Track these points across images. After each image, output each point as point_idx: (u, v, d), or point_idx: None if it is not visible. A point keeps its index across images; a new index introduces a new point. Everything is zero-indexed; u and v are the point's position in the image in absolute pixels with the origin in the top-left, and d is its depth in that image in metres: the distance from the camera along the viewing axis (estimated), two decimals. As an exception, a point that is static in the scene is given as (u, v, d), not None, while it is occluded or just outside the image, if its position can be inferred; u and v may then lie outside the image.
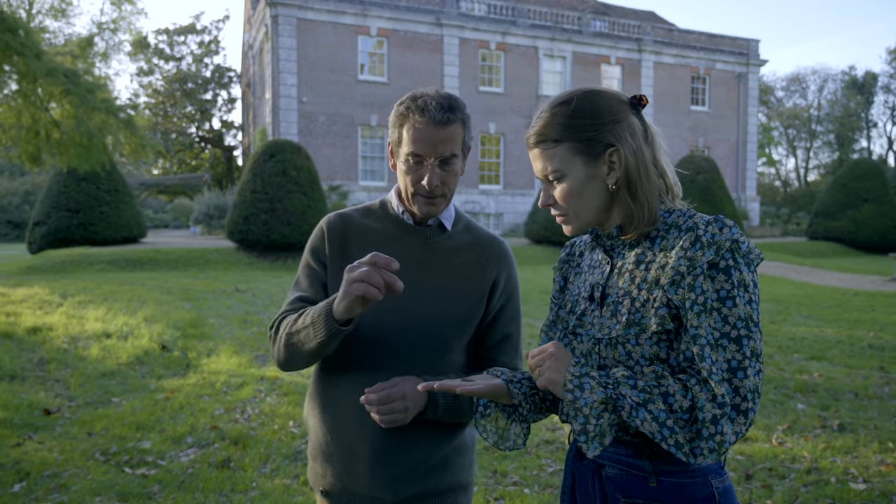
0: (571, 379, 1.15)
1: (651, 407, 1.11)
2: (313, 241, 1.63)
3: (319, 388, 1.62)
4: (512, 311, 1.66)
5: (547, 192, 1.29)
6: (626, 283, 1.24)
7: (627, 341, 1.20)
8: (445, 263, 1.58)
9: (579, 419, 1.14)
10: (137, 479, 3.65)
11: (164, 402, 5.05)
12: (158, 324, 7.72)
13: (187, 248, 15.88)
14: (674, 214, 1.24)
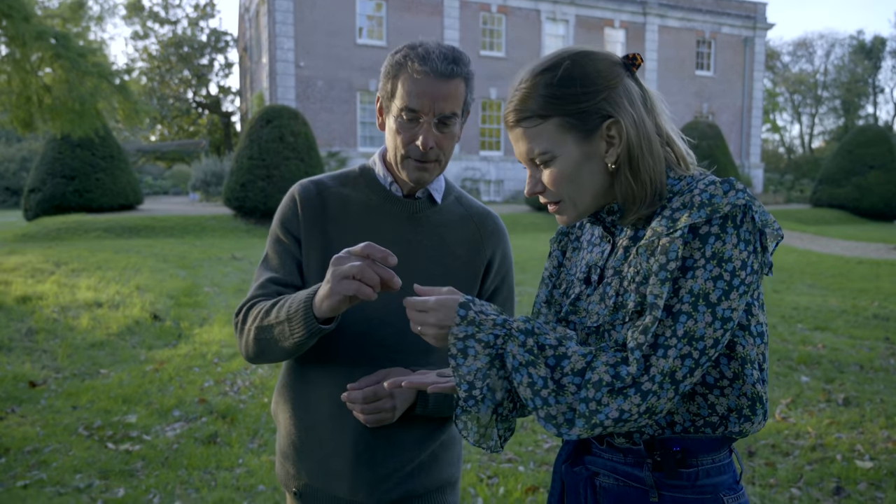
0: (455, 342, 1.02)
1: (532, 370, 0.99)
2: (284, 212, 1.43)
3: (292, 380, 1.45)
4: (506, 293, 1.50)
5: (534, 178, 1.10)
6: (620, 261, 1.08)
7: (613, 328, 1.05)
8: (435, 240, 1.41)
9: (463, 386, 1.02)
10: (120, 455, 3.55)
11: (153, 374, 4.94)
12: (151, 293, 7.60)
13: (184, 215, 15.71)
14: (683, 181, 1.07)
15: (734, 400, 1.03)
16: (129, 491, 3.14)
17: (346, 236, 1.38)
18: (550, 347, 1.01)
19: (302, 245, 1.40)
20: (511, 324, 1.04)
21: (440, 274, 1.39)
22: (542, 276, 1.25)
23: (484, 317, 1.04)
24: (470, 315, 1.04)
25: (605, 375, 0.96)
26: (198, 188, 21.71)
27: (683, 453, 1.03)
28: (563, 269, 1.23)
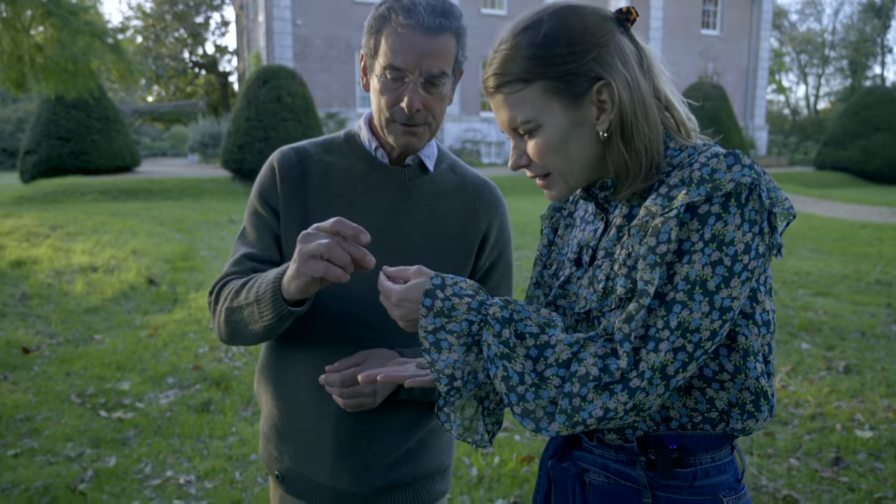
0: (425, 336, 0.95)
1: (507, 364, 0.91)
2: (262, 182, 1.33)
3: (272, 360, 1.37)
4: (503, 268, 1.40)
5: (518, 150, 0.99)
6: (612, 241, 0.98)
7: (602, 315, 0.95)
8: (426, 212, 1.31)
9: (443, 381, 0.94)
10: (113, 423, 3.51)
11: (148, 340, 4.89)
12: (147, 257, 7.53)
13: (182, 177, 15.57)
14: (684, 152, 0.96)
15: (735, 394, 0.94)
16: (120, 460, 3.11)
17: (328, 208, 1.29)
18: (531, 336, 0.92)
19: (280, 218, 1.30)
20: (487, 308, 0.95)
21: (431, 249, 1.29)
22: (536, 257, 1.16)
23: (457, 300, 0.95)
24: (437, 305, 0.95)
25: (593, 369, 0.88)
26: (195, 150, 21.49)
27: (680, 451, 0.95)
28: (554, 247, 1.13)
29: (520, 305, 0.95)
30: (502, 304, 0.95)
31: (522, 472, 3.00)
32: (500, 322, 0.93)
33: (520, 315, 0.94)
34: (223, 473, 2.99)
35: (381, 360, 1.21)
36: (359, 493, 1.31)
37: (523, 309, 0.95)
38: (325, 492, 1.33)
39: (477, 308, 0.94)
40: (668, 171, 0.95)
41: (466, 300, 0.95)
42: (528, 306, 0.96)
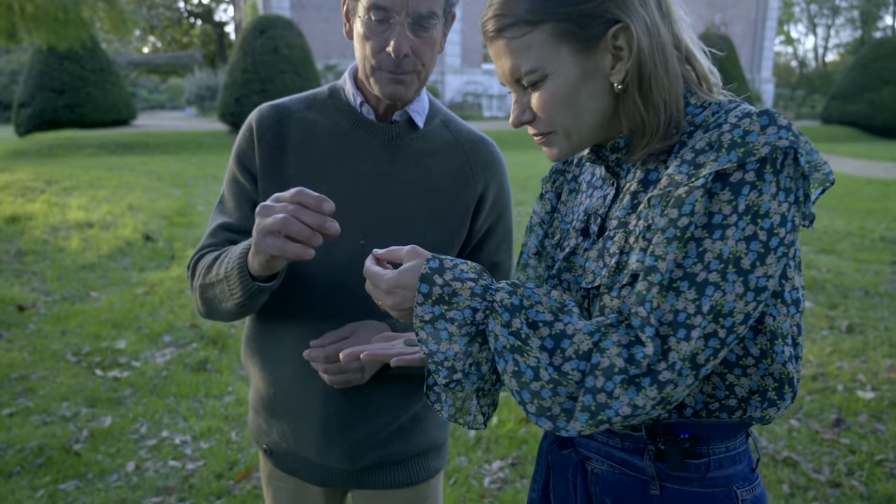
0: (422, 326, 0.84)
1: (518, 357, 0.81)
2: (240, 144, 1.24)
3: (256, 332, 1.31)
4: (502, 233, 1.30)
5: (521, 104, 0.88)
6: (625, 210, 0.88)
7: (611, 291, 0.86)
8: (417, 172, 1.21)
9: (441, 373, 0.85)
10: (108, 382, 3.49)
11: (144, 298, 4.85)
12: (144, 212, 7.45)
13: (179, 131, 15.37)
14: (707, 110, 0.85)
15: (757, 381, 0.86)
16: (116, 420, 3.09)
17: (309, 169, 1.20)
18: (545, 325, 0.82)
19: (258, 182, 1.22)
20: (494, 294, 0.84)
21: (423, 212, 1.20)
22: (531, 223, 1.06)
23: (458, 285, 0.84)
24: (435, 291, 0.84)
25: (618, 360, 0.78)
26: (193, 103, 21.17)
27: (693, 441, 0.87)
28: (556, 214, 1.04)
29: (529, 289, 0.85)
30: (510, 289, 0.85)
31: (521, 434, 2.97)
32: (509, 310, 0.82)
33: (530, 300, 0.84)
34: (219, 434, 2.97)
35: (370, 333, 1.14)
36: (349, 470, 1.26)
37: (533, 293, 0.85)
38: (314, 468, 1.28)
39: (481, 294, 0.84)
40: (690, 130, 0.85)
41: (469, 285, 0.84)
42: (537, 289, 0.86)
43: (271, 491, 1.40)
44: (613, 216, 0.90)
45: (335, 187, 1.18)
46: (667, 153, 0.85)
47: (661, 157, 0.86)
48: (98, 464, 2.71)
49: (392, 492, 1.29)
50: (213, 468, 2.69)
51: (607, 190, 0.94)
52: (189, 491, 2.54)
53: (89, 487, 2.56)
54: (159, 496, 2.51)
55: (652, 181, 0.86)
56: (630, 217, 0.87)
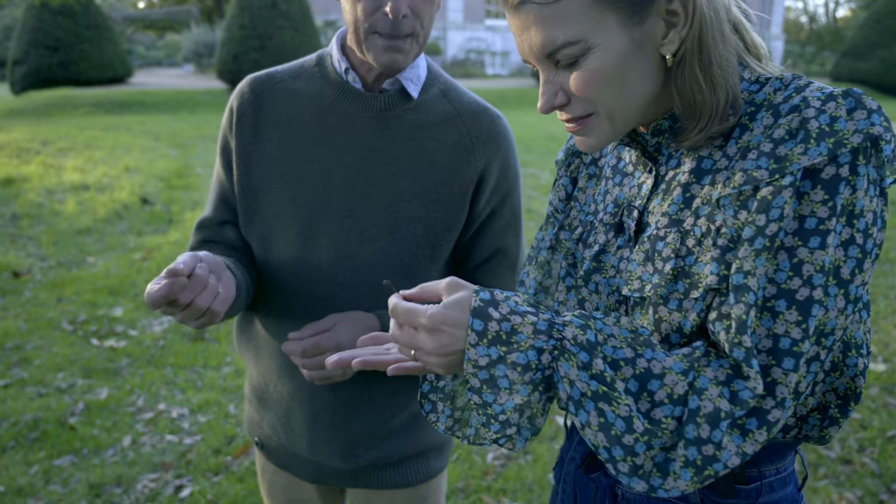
0: (475, 372, 0.69)
1: (605, 406, 0.67)
2: (222, 128, 1.15)
3: (242, 321, 1.23)
4: (508, 216, 1.17)
5: (552, 86, 0.74)
6: (677, 205, 0.75)
7: (668, 303, 0.73)
8: (409, 147, 1.09)
9: (493, 427, 0.71)
10: (105, 352, 3.43)
11: (141, 263, 4.77)
12: (141, 174, 7.32)
13: (176, 89, 15.10)
14: (766, 87, 0.73)
15: (820, 397, 0.76)
16: (112, 391, 3.04)
17: (290, 147, 1.09)
18: (627, 363, 0.68)
19: (234, 168, 1.13)
20: (562, 330, 0.69)
21: (415, 193, 1.09)
22: (547, 213, 0.95)
23: (517, 320, 0.69)
24: (492, 328, 0.68)
25: (722, 402, 0.65)
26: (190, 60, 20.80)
27: (743, 463, 0.77)
28: (574, 204, 0.92)
29: (599, 320, 0.71)
30: (581, 323, 0.70)
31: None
32: (586, 349, 0.68)
33: (603, 334, 0.70)
34: (217, 407, 2.92)
35: (354, 325, 1.05)
36: (342, 468, 1.18)
37: (604, 324, 0.71)
38: (306, 464, 1.21)
39: (546, 330, 0.69)
40: (750, 111, 0.72)
41: (530, 319, 0.69)
42: (606, 318, 0.72)
43: (265, 484, 1.33)
44: (656, 210, 0.77)
45: (318, 165, 1.08)
46: (723, 137, 0.73)
47: (717, 143, 0.74)
48: (94, 438, 2.66)
49: (388, 492, 1.22)
50: (210, 443, 2.64)
51: (642, 178, 0.81)
52: (186, 467, 2.49)
53: (84, 463, 2.51)
54: (156, 472, 2.46)
55: (707, 170, 0.74)
56: (684, 214, 0.74)
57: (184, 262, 0.89)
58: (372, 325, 1.06)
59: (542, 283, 0.93)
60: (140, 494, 2.34)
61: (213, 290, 0.92)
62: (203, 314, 0.92)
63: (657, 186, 0.79)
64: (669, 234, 0.74)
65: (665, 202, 0.76)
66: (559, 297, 0.88)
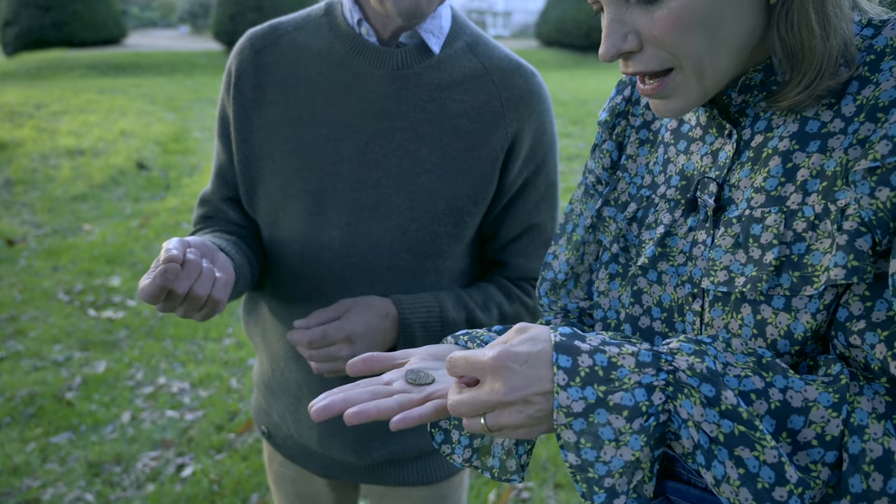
0: (569, 422, 0.53)
1: (743, 452, 0.52)
2: (220, 95, 1.03)
3: (249, 304, 1.13)
4: (543, 187, 1.04)
5: (620, 27, 0.59)
6: (775, 179, 0.61)
7: (770, 301, 0.59)
8: (430, 110, 0.96)
9: (597, 497, 0.55)
10: (102, 323, 3.33)
11: (139, 231, 4.65)
12: (137, 138, 7.15)
13: (172, 51, 14.79)
14: (885, 29, 0.59)
15: None
16: (110, 364, 2.95)
17: (295, 110, 0.97)
18: (758, 395, 0.55)
19: (233, 137, 1.01)
20: (673, 360, 0.55)
21: (438, 161, 0.96)
22: (584, 183, 0.81)
23: (614, 351, 0.55)
24: (583, 363, 0.54)
25: (892, 442, 0.52)
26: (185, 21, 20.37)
27: None
28: (623, 175, 0.77)
29: (708, 343, 0.57)
30: (693, 348, 0.56)
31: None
32: (708, 379, 0.54)
33: (720, 359, 0.56)
34: (219, 381, 2.83)
35: (367, 313, 0.93)
36: (354, 463, 1.08)
37: (712, 346, 0.57)
38: (317, 458, 1.11)
39: (653, 362, 0.55)
40: (870, 60, 0.58)
41: (629, 349, 0.55)
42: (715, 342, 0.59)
43: (273, 475, 1.24)
44: (744, 184, 0.63)
45: (327, 131, 0.95)
46: (833, 94, 0.60)
47: (826, 101, 0.60)
48: (91, 414, 2.58)
49: (406, 489, 1.12)
50: (212, 419, 2.55)
51: (717, 143, 0.67)
52: (188, 444, 2.41)
53: (82, 440, 2.43)
54: (156, 450, 2.38)
55: (814, 134, 0.60)
56: (786, 189, 0.60)
57: (175, 248, 0.77)
58: (388, 311, 0.95)
59: (575, 268, 0.79)
60: (140, 473, 2.26)
61: (210, 276, 0.80)
62: (205, 304, 0.81)
63: (740, 154, 0.65)
64: (769, 214, 0.60)
65: (757, 174, 0.62)
66: (599, 286, 0.74)
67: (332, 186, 0.96)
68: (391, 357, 0.68)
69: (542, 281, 0.82)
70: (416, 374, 0.64)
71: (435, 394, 0.62)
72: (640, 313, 0.69)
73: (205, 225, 1.06)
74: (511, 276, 1.06)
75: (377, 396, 0.61)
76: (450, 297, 1.00)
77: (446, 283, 1.02)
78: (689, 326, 0.65)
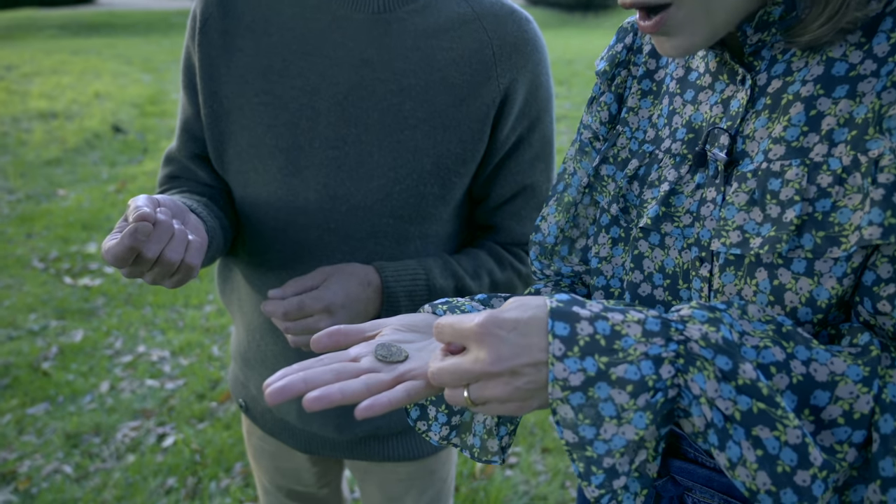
0: (566, 395, 0.48)
1: (762, 430, 0.47)
2: (185, 42, 0.94)
3: (222, 270, 1.06)
4: (538, 145, 0.95)
5: None
6: (797, 128, 0.54)
7: (789, 264, 0.53)
8: (415, 60, 0.87)
9: (596, 478, 0.50)
10: (79, 291, 3.25)
11: (115, 196, 4.53)
12: (112, 100, 6.97)
13: (147, 10, 14.38)
14: None
15: None
16: (88, 333, 2.87)
17: (266, 59, 0.88)
18: (779, 368, 0.49)
19: (200, 90, 0.92)
20: (684, 329, 0.49)
21: (423, 117, 0.88)
22: (578, 140, 0.74)
23: (618, 318, 0.49)
24: (583, 331, 0.48)
25: None
26: (161, -22, 19.77)
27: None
28: (620, 128, 0.71)
29: (722, 310, 0.51)
30: (707, 316, 0.50)
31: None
32: (724, 350, 0.48)
33: (735, 328, 0.50)
34: (199, 348, 2.77)
35: (347, 282, 0.86)
36: (336, 439, 1.03)
37: (727, 314, 0.51)
38: (296, 433, 1.06)
39: (661, 331, 0.49)
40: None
41: (635, 316, 0.49)
42: (731, 308, 0.52)
43: (252, 449, 1.19)
44: (760, 135, 0.57)
45: (302, 82, 0.87)
46: (863, 31, 0.53)
47: (855, 40, 0.53)
48: (69, 384, 2.51)
49: (392, 464, 1.07)
50: (193, 388, 2.50)
51: (731, 91, 0.60)
52: (169, 414, 2.36)
53: (60, 411, 2.37)
54: (136, 420, 2.33)
55: (841, 77, 0.53)
56: (810, 139, 0.53)
57: (145, 205, 0.70)
58: (370, 279, 0.88)
59: (566, 231, 0.73)
60: (120, 444, 2.21)
61: (183, 239, 0.73)
62: (177, 270, 0.74)
63: (755, 102, 0.58)
64: (789, 168, 0.54)
65: (775, 123, 0.56)
66: (599, 252, 0.68)
67: (307, 144, 0.88)
68: (360, 329, 0.60)
69: (532, 244, 0.77)
70: (387, 349, 0.57)
71: (408, 373, 0.55)
72: (640, 280, 0.64)
73: (171, 185, 0.99)
74: (503, 241, 1.00)
75: (342, 376, 0.53)
76: (437, 263, 0.93)
77: (433, 249, 0.95)
78: (695, 294, 0.59)
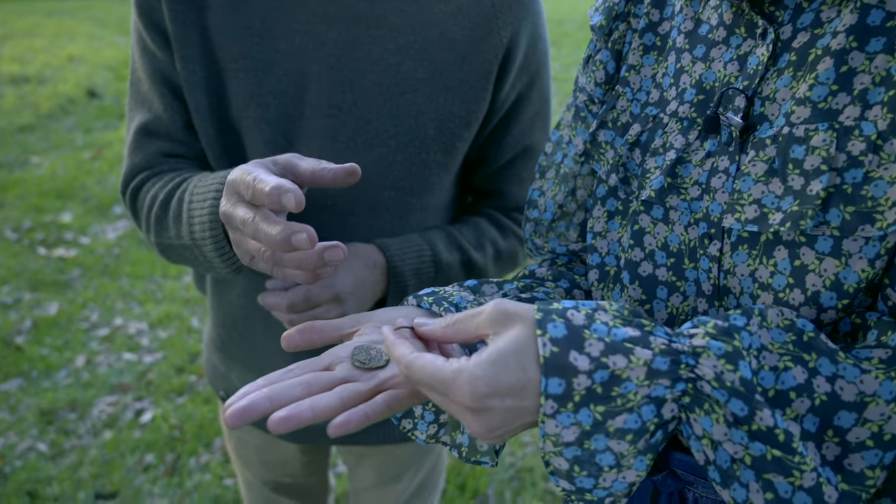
0: (558, 451, 0.43)
1: (775, 476, 0.42)
2: None
3: None
4: (537, 101, 0.89)
5: None
6: (825, 87, 0.47)
7: (813, 243, 0.46)
8: (411, 14, 0.80)
9: None
10: (54, 262, 3.15)
11: (91, 163, 4.40)
12: (86, 64, 6.75)
13: (122, -31, 13.91)
14: None
15: None
16: (63, 306, 2.79)
17: (249, 18, 0.79)
18: (799, 393, 0.43)
19: (173, 48, 0.80)
20: (695, 365, 0.43)
21: (423, 77, 0.80)
22: (573, 104, 0.67)
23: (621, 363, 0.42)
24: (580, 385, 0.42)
25: None
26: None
27: None
28: (620, 89, 0.63)
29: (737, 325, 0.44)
30: (724, 349, 0.42)
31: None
32: (739, 394, 0.41)
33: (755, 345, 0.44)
34: (178, 321, 2.70)
35: (353, 264, 0.79)
36: (324, 428, 0.97)
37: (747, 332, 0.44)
38: None
39: (669, 370, 0.42)
40: None
41: (641, 355, 0.42)
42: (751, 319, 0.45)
43: (233, 442, 1.12)
44: (782, 96, 0.49)
45: (287, 44, 0.78)
46: None
47: None
48: (43, 359, 2.44)
49: (389, 447, 1.02)
50: (172, 361, 2.43)
51: (748, 46, 0.53)
52: (147, 388, 2.30)
53: (34, 387, 2.30)
54: (114, 394, 2.27)
55: (878, 28, 0.45)
56: (840, 100, 0.46)
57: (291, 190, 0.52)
58: (374, 259, 0.81)
59: (564, 205, 0.67)
60: (97, 420, 2.15)
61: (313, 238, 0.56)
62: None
63: (777, 59, 0.51)
64: (815, 133, 0.47)
65: (800, 83, 0.49)
66: (595, 226, 0.62)
67: (297, 114, 0.79)
68: (337, 325, 0.53)
69: (527, 221, 0.70)
70: (366, 353, 0.50)
71: (389, 381, 0.49)
72: (640, 258, 0.57)
73: (175, 166, 0.84)
74: (503, 207, 0.93)
75: (313, 390, 0.47)
76: (440, 236, 0.86)
77: (432, 220, 0.88)
78: (702, 275, 0.53)
